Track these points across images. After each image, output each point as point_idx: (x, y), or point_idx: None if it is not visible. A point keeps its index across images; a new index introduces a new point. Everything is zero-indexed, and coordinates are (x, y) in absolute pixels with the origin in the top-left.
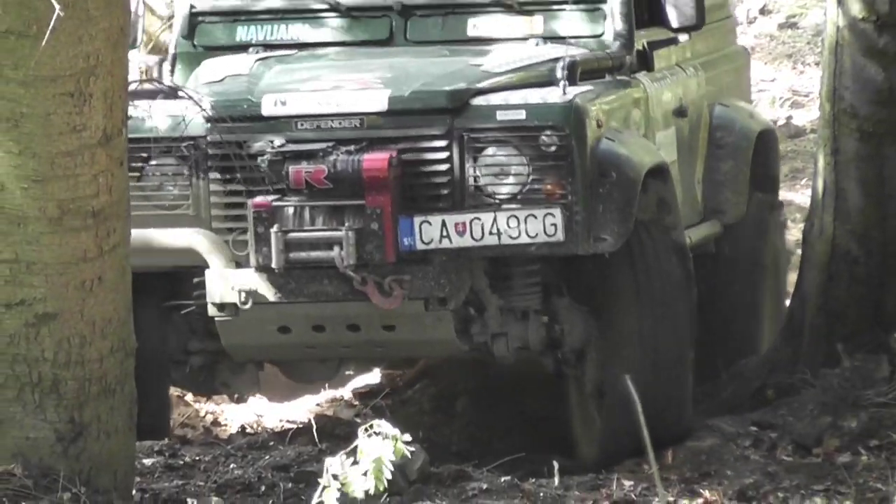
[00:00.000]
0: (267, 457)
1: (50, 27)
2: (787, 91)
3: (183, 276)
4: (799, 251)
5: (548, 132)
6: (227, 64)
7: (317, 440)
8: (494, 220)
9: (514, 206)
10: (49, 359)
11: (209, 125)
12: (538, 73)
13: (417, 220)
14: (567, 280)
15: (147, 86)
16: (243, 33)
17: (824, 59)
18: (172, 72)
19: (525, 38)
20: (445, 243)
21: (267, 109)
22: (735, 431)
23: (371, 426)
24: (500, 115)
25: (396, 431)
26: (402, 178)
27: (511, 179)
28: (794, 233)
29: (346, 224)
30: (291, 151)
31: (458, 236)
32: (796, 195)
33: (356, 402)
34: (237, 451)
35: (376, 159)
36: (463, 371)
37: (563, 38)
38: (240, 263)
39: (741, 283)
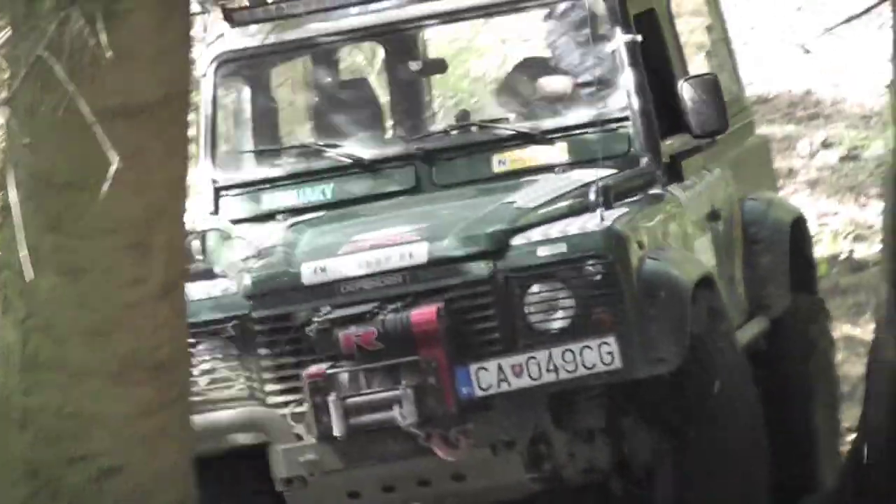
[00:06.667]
0: None
1: (109, 179)
2: (849, 224)
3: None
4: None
5: (591, 262)
6: (258, 235)
7: None
8: (550, 356)
9: (567, 339)
10: None
11: (252, 302)
12: (572, 203)
13: (473, 367)
14: (632, 399)
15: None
16: (269, 201)
17: (887, 190)
18: (203, 250)
19: (551, 167)
20: (504, 387)
21: (307, 278)
22: None
23: None
24: (542, 252)
25: None
26: (453, 328)
27: (560, 314)
28: (857, 367)
29: (403, 382)
30: (339, 317)
31: (516, 378)
32: (859, 330)
33: None
34: None
35: (424, 313)
36: None
37: (589, 161)
38: (299, 436)
39: (794, 371)
